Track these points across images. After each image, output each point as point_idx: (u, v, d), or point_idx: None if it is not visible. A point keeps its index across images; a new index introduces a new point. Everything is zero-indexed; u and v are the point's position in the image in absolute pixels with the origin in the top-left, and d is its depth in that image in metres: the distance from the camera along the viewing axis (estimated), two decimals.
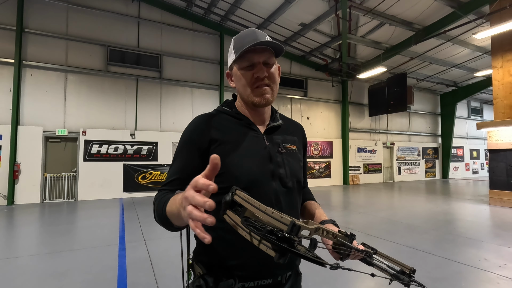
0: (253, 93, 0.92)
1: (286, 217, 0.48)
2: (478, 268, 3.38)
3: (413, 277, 0.76)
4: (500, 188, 7.85)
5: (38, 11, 8.69)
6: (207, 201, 0.49)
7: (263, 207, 0.50)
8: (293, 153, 1.00)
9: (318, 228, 0.59)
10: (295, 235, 0.46)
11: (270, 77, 0.92)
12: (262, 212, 0.50)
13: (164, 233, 4.66)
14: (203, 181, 0.52)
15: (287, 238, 0.46)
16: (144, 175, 9.68)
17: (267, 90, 0.92)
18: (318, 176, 13.34)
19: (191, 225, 0.51)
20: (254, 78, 0.90)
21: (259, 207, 0.51)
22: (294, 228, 0.46)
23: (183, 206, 0.56)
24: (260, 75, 0.89)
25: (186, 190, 0.55)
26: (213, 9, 10.33)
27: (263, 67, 0.90)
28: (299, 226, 0.47)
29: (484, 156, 20.36)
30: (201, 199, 0.50)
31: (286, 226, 0.47)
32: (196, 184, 0.53)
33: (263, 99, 0.92)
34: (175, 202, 0.66)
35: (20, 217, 6.38)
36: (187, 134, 0.94)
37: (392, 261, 0.81)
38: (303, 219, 1.07)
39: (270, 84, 0.92)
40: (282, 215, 0.49)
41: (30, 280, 3.08)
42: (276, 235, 0.47)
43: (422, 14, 9.64)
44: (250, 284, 0.84)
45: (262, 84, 0.91)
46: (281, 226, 0.48)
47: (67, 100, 8.90)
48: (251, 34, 0.90)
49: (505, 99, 7.74)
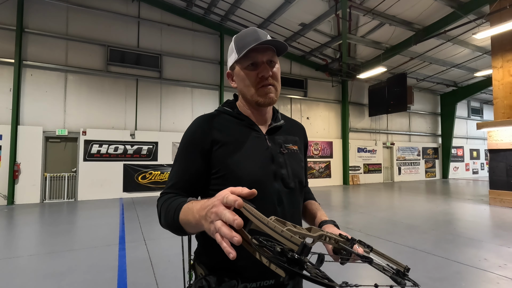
0: (257, 93, 0.91)
1: (296, 237, 0.47)
2: (478, 268, 3.38)
3: (407, 275, 0.76)
4: (500, 188, 7.84)
5: (38, 11, 8.69)
6: (236, 219, 0.49)
7: (272, 224, 0.49)
8: (295, 153, 1.00)
9: (321, 235, 0.60)
10: (305, 256, 0.45)
11: (274, 76, 0.92)
12: (271, 229, 0.49)
13: (164, 233, 4.66)
14: (233, 197, 0.52)
15: (297, 260, 0.45)
16: (144, 175, 9.68)
17: (271, 90, 0.92)
18: (318, 176, 13.34)
19: (218, 239, 0.52)
20: (258, 77, 0.90)
21: (268, 224, 0.50)
22: (305, 249, 0.45)
23: (209, 220, 0.56)
24: (265, 74, 0.89)
25: (214, 204, 0.55)
26: (213, 9, 10.33)
27: (267, 66, 0.89)
28: (310, 247, 0.46)
29: (484, 156, 20.36)
30: (230, 217, 0.50)
31: (296, 246, 0.46)
32: (227, 200, 0.53)
33: (268, 99, 0.92)
34: (192, 212, 0.66)
35: (20, 217, 6.38)
36: (188, 135, 0.93)
37: (386, 259, 0.81)
38: (304, 219, 1.08)
39: (274, 83, 0.92)
40: (292, 235, 0.47)
41: (30, 280, 3.08)
42: (286, 255, 0.46)
43: (422, 14, 9.64)
44: (253, 284, 0.84)
45: (267, 83, 0.91)
46: (291, 245, 0.47)
47: (67, 100, 8.90)
48: (252, 33, 0.89)
49: (505, 99, 7.74)
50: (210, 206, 0.57)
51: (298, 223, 0.96)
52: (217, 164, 0.88)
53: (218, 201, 0.55)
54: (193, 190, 0.90)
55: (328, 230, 0.89)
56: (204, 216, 0.58)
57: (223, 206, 0.53)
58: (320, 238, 0.60)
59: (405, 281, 0.71)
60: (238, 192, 0.55)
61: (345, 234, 0.78)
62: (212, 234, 0.55)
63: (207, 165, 0.89)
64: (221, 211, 0.53)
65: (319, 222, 0.96)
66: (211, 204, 0.57)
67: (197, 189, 0.91)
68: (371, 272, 3.20)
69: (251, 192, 0.55)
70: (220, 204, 0.54)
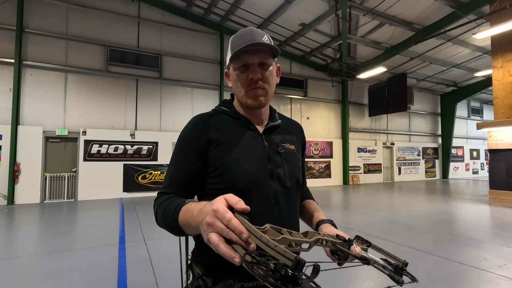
0: (247, 95, 0.91)
1: (289, 252, 0.45)
2: (478, 268, 3.38)
3: (405, 270, 0.76)
4: (500, 188, 7.84)
5: (38, 11, 8.69)
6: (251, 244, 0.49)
7: (265, 238, 0.48)
8: (292, 153, 1.00)
9: (318, 240, 0.59)
10: (300, 271, 0.44)
11: (264, 79, 0.90)
12: (265, 244, 0.48)
13: (164, 233, 4.66)
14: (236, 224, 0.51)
15: (291, 277, 0.44)
16: (144, 175, 9.68)
17: (261, 93, 0.91)
18: (318, 176, 13.34)
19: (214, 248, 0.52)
20: (248, 79, 0.89)
21: (261, 238, 0.48)
22: (298, 265, 0.43)
23: (202, 228, 0.56)
24: (253, 76, 0.88)
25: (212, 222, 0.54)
26: (213, 9, 10.33)
27: (257, 69, 0.88)
28: (304, 263, 0.44)
29: (484, 156, 20.36)
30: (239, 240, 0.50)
31: (290, 261, 0.44)
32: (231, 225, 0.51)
33: (256, 102, 0.91)
34: (192, 215, 0.66)
35: (20, 217, 6.38)
36: (185, 134, 0.93)
37: (385, 254, 0.82)
38: (301, 219, 1.08)
39: (264, 86, 0.91)
40: (286, 249, 0.46)
41: (30, 280, 3.08)
42: (280, 272, 0.45)
43: (422, 14, 9.64)
44: (249, 284, 0.84)
45: (256, 86, 0.90)
46: (285, 261, 0.45)
47: (67, 100, 8.90)
48: (247, 34, 0.88)
49: (505, 99, 7.74)
50: (205, 214, 0.56)
51: (295, 223, 0.96)
52: (213, 163, 0.88)
53: (212, 212, 0.54)
54: (190, 189, 0.90)
55: (325, 230, 0.89)
56: (200, 222, 0.58)
57: (219, 221, 0.53)
58: (316, 243, 0.59)
59: (403, 280, 0.71)
60: (232, 202, 0.55)
61: (342, 234, 0.78)
62: (206, 242, 0.55)
63: (203, 164, 0.89)
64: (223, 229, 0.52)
65: (317, 222, 0.96)
66: (205, 213, 0.56)
67: (194, 188, 0.91)
68: (370, 272, 3.20)
69: (245, 208, 0.54)
70: (214, 217, 0.53)
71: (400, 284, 0.71)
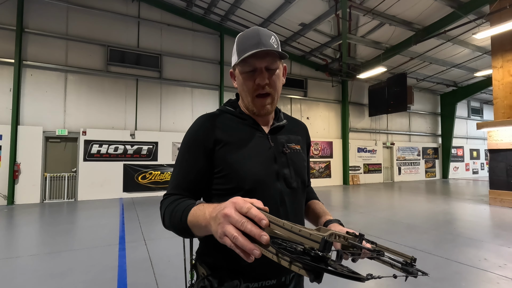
0: (253, 102, 0.91)
1: (316, 234, 0.46)
2: (478, 268, 3.38)
3: (414, 266, 0.77)
4: (500, 188, 7.84)
5: (38, 11, 8.69)
6: (264, 235, 0.48)
7: (288, 224, 0.48)
8: (297, 153, 1.00)
9: (332, 234, 0.60)
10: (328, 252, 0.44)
11: (271, 84, 0.89)
12: (287, 230, 0.48)
13: (164, 233, 4.66)
14: (256, 212, 0.51)
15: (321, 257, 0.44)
16: (144, 175, 9.68)
17: (267, 101, 0.90)
18: (318, 176, 13.34)
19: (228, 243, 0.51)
20: (255, 84, 0.88)
21: (284, 225, 0.48)
22: (327, 245, 0.44)
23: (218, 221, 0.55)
24: (260, 82, 0.87)
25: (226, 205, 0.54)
26: (213, 9, 10.33)
27: (264, 73, 0.87)
28: (331, 243, 0.44)
29: (484, 156, 20.36)
30: (256, 231, 0.48)
31: (317, 244, 0.45)
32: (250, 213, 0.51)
33: (264, 110, 0.91)
34: (203, 213, 0.65)
35: (20, 217, 6.38)
36: (191, 133, 0.91)
37: (392, 252, 0.82)
38: (307, 219, 1.08)
39: (271, 92, 0.90)
40: (311, 232, 0.46)
41: (30, 280, 3.08)
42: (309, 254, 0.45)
43: (422, 14, 9.64)
44: (255, 285, 0.84)
45: (263, 92, 0.89)
46: (311, 244, 0.45)
47: (67, 100, 8.90)
48: (254, 36, 0.86)
49: (505, 99, 7.74)
50: (222, 207, 0.56)
51: (301, 223, 0.95)
52: (219, 164, 0.87)
53: (233, 210, 0.53)
54: (198, 189, 0.89)
55: (334, 229, 0.89)
56: (214, 217, 0.58)
57: (237, 212, 0.52)
58: (330, 237, 0.59)
59: (416, 271, 0.72)
60: (249, 201, 0.54)
61: (352, 231, 0.77)
62: (219, 237, 0.54)
63: (210, 164, 0.88)
64: (241, 221, 0.50)
65: (324, 222, 0.96)
66: (223, 206, 0.56)
67: (202, 189, 0.90)
68: (378, 268, 3.20)
69: (264, 208, 0.53)
70: (232, 208, 0.53)
71: (414, 275, 0.73)
